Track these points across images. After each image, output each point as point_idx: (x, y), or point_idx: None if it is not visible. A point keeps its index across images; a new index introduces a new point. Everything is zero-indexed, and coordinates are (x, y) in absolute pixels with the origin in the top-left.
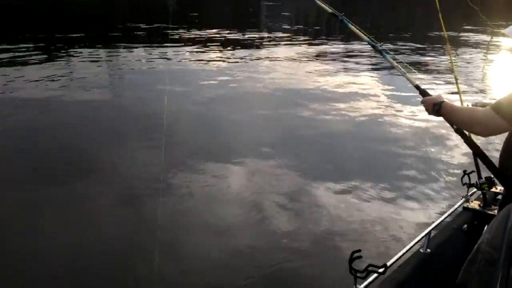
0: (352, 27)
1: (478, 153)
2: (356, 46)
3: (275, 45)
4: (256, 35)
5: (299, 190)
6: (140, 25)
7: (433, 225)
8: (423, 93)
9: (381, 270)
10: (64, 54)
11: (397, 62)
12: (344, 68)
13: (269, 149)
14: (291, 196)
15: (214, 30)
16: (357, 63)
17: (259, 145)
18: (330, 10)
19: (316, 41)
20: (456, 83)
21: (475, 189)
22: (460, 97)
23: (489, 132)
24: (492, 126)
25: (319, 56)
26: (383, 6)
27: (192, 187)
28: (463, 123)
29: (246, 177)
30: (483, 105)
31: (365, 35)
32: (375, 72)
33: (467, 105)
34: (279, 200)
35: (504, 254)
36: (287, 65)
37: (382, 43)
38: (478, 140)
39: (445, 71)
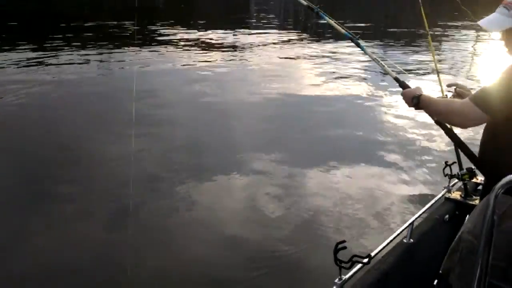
0: (329, 20)
1: (458, 143)
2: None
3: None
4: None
5: None
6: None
7: (415, 216)
8: (403, 85)
9: (365, 260)
10: None
11: (375, 55)
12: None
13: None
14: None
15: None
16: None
17: None
18: (305, 3)
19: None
20: (437, 72)
21: (456, 180)
22: (441, 87)
23: (467, 123)
24: (470, 117)
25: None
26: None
27: None
28: (441, 115)
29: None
30: (460, 87)
31: (343, 28)
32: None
33: (445, 95)
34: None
35: (483, 242)
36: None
37: (358, 36)
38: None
39: (429, 64)
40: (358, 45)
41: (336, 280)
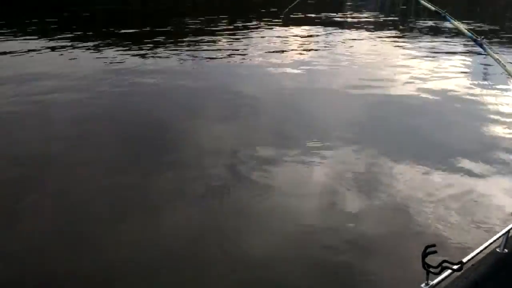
0: (455, 23)
1: None
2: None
3: None
4: None
5: None
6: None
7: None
8: None
9: (456, 266)
10: None
11: (498, 56)
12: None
13: None
14: None
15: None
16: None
17: None
18: (433, 9)
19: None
20: None
21: None
22: None
23: None
24: None
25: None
26: None
27: None
28: None
29: None
30: None
31: (466, 29)
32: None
33: None
34: None
35: None
36: None
37: (482, 36)
38: None
39: None
40: (481, 47)
41: (423, 285)
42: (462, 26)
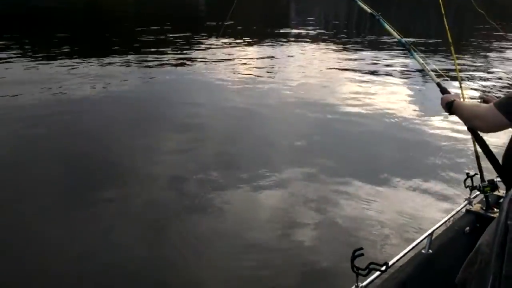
0: (387, 26)
1: (486, 152)
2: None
3: None
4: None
5: None
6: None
7: (435, 226)
8: (443, 90)
9: (382, 268)
10: None
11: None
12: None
13: None
14: None
15: None
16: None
17: None
18: (369, 11)
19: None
20: (459, 82)
21: (478, 192)
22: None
23: (488, 127)
24: (492, 121)
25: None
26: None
27: None
28: (467, 118)
29: None
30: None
31: (398, 34)
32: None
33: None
34: None
35: (496, 248)
36: None
37: (410, 41)
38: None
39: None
40: (408, 51)
41: (353, 287)
42: (394, 31)
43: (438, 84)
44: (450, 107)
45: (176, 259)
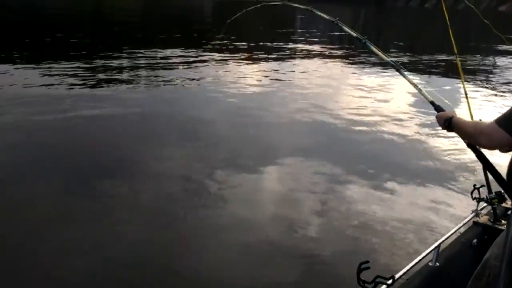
0: (374, 49)
1: (488, 167)
2: None
3: None
4: None
5: None
6: None
7: (442, 239)
8: (437, 108)
9: (389, 282)
10: None
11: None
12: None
13: None
14: None
15: None
16: None
17: None
18: (355, 35)
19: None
20: (466, 97)
21: (485, 204)
22: (470, 112)
23: (492, 144)
24: (495, 138)
25: None
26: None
27: None
28: (469, 136)
29: None
30: None
31: (385, 55)
32: None
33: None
34: None
35: (505, 265)
36: None
37: (400, 62)
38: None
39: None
40: (399, 72)
41: None
42: (381, 53)
43: (432, 103)
44: (450, 123)
45: (183, 251)
